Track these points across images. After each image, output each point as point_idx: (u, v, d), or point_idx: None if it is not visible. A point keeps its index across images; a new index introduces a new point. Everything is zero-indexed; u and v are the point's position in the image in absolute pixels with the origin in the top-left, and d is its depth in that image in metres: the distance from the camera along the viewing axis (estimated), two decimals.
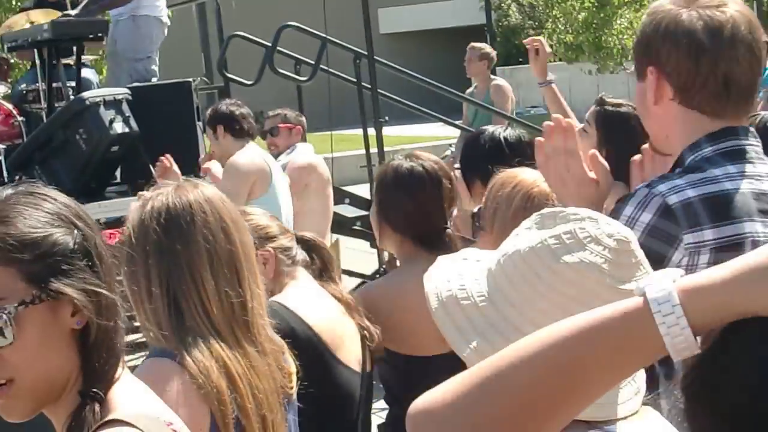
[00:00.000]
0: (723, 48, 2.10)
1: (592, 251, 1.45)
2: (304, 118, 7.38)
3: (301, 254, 3.16)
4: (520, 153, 3.72)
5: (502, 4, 31.27)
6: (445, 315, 1.53)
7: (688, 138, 2.17)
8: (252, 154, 6.19)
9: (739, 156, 2.12)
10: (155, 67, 8.45)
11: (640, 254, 1.48)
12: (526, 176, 2.90)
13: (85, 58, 8.85)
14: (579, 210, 1.51)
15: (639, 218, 2.08)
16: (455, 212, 3.59)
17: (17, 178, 7.88)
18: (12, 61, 8.93)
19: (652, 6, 2.22)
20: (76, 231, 1.65)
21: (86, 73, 8.79)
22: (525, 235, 1.51)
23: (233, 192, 5.22)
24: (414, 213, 3.34)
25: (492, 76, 9.90)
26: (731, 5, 2.14)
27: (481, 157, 3.74)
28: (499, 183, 2.91)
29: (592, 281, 1.44)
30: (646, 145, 2.55)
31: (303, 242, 3.22)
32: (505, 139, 3.76)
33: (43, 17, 8.37)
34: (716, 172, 2.09)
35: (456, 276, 1.56)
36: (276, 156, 6.83)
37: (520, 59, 29.97)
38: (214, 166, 6.31)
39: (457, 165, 3.89)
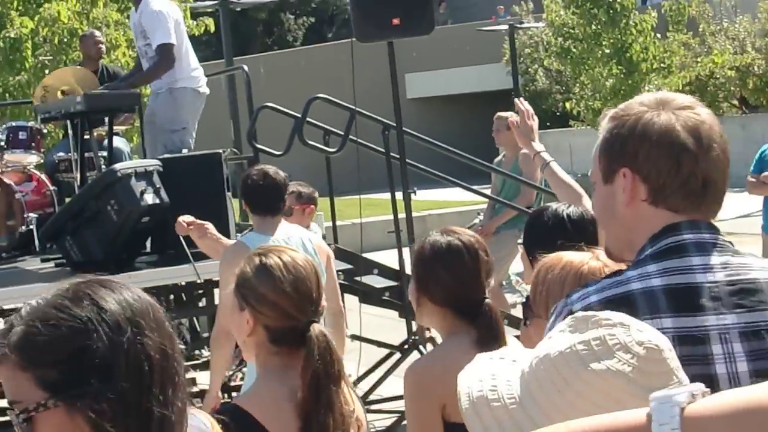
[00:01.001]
0: (702, 149, 2.07)
1: (620, 359, 1.45)
2: (317, 194, 7.36)
3: None
4: (583, 229, 3.76)
5: (529, 69, 31.43)
6: (474, 415, 1.54)
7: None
8: (240, 245, 5.31)
9: (672, 252, 2.05)
10: (190, 138, 8.56)
11: (675, 362, 1.48)
12: (572, 257, 2.92)
13: (117, 127, 8.99)
14: (612, 315, 1.52)
15: (554, 327, 2.04)
16: (492, 283, 3.62)
17: (48, 247, 7.99)
18: (45, 131, 9.07)
19: (618, 110, 2.17)
20: (104, 338, 1.61)
21: (117, 142, 8.91)
22: (557, 338, 1.53)
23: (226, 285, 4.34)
24: (453, 285, 3.41)
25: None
26: (700, 108, 2.13)
27: (545, 234, 3.78)
28: (546, 267, 2.92)
29: (619, 389, 1.44)
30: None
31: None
32: (569, 216, 3.81)
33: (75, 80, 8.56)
34: (630, 273, 2.05)
35: (489, 376, 1.58)
36: None
37: (548, 123, 30.11)
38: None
39: (520, 240, 3.94)
